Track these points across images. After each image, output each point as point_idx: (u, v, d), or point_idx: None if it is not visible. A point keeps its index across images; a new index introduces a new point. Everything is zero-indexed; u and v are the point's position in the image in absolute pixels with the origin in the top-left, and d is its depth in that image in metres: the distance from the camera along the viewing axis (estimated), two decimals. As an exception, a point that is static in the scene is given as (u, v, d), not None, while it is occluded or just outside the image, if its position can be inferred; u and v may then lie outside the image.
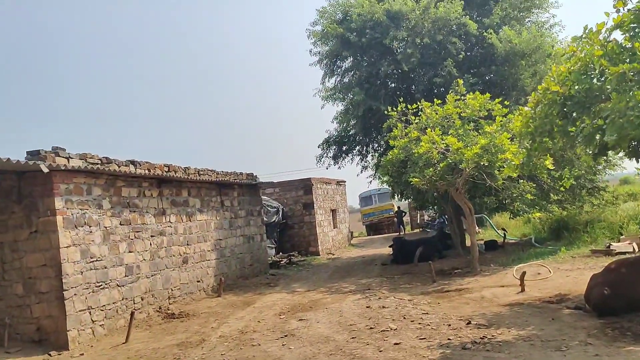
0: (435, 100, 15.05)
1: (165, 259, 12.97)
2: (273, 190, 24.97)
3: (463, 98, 14.89)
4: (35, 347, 9.54)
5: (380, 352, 7.41)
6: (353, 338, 8.36)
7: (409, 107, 15.37)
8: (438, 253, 18.97)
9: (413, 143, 14.54)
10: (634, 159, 8.11)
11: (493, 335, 7.63)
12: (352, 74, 20.23)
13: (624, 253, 13.31)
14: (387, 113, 15.79)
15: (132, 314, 10.19)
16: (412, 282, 14.24)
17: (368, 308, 10.59)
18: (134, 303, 11.55)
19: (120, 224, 11.48)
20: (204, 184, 15.33)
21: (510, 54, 17.64)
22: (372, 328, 8.89)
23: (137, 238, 11.98)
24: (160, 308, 12.32)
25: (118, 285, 11.15)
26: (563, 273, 12.12)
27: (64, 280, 9.68)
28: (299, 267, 20.61)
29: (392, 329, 8.63)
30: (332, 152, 21.64)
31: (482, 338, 7.53)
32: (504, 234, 20.75)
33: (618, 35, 7.58)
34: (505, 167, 11.32)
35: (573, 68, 7.94)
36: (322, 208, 26.03)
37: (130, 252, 11.70)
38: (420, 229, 36.44)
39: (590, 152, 8.10)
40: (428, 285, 13.21)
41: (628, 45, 7.16)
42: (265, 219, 22.34)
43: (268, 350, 8.17)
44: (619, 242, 14.57)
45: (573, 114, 7.75)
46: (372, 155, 21.66)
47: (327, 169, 23.18)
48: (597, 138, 7.80)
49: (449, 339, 7.68)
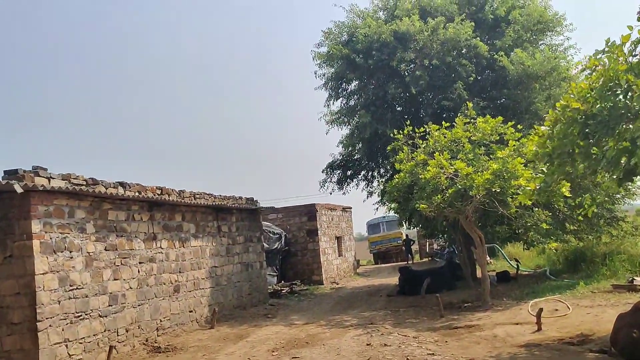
0: (444, 123, 14.33)
1: (155, 287, 12.17)
2: (276, 216, 24.23)
3: (473, 121, 14.16)
4: (4, 383, 8.74)
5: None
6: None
7: (416, 130, 14.66)
8: (447, 284, 18.04)
9: (420, 167, 13.77)
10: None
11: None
12: (358, 97, 19.59)
13: (649, 289, 12.34)
14: (393, 136, 15.07)
15: (110, 349, 9.39)
16: (418, 316, 13.33)
17: (368, 346, 9.68)
18: (118, 335, 10.73)
19: (105, 249, 10.74)
20: (200, 208, 14.60)
21: (523, 77, 16.92)
22: (371, 370, 8.01)
23: (123, 265, 11.22)
24: (147, 340, 11.48)
25: (100, 316, 10.35)
26: (583, 310, 11.15)
27: (38, 310, 8.92)
28: (301, 296, 19.72)
29: (393, 372, 7.75)
30: (336, 176, 20.89)
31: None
32: (517, 265, 19.77)
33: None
34: (520, 193, 10.50)
35: (595, 84, 7.21)
36: (326, 235, 25.18)
37: (116, 279, 10.93)
38: (430, 258, 35.37)
39: (615, 177, 7.27)
40: (435, 320, 12.30)
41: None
42: (267, 246, 21.57)
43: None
44: (642, 276, 13.59)
45: (596, 134, 6.99)
46: (378, 181, 20.87)
47: (330, 194, 22.28)
48: (622, 161, 7.04)
49: (457, 386, 6.80)
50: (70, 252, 9.80)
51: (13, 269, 9.06)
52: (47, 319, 9.07)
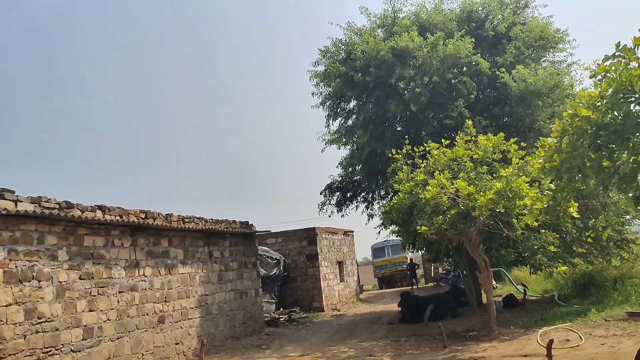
0: (444, 141, 13.64)
1: (136, 319, 11.38)
2: (275, 240, 23.46)
3: (474, 138, 13.47)
4: None
5: None
6: None
7: (416, 149, 13.97)
8: (451, 311, 17.15)
9: (419, 187, 13.04)
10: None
11: None
12: (356, 116, 18.97)
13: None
14: (391, 156, 14.38)
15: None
16: (420, 346, 12.46)
17: (363, 382, 8.85)
18: (93, 371, 9.94)
19: (80, 278, 10.01)
20: (189, 233, 13.87)
21: (526, 94, 16.27)
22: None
23: (100, 294, 10.46)
24: (127, 376, 10.68)
25: (73, 351, 9.56)
26: (597, 340, 10.27)
27: (0, 347, 8.16)
28: (299, 325, 18.83)
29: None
30: (335, 199, 20.16)
31: None
32: (525, 290, 18.85)
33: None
34: (527, 213, 9.70)
35: (605, 92, 6.50)
36: (327, 260, 24.33)
37: (91, 310, 10.16)
38: (435, 283, 34.40)
39: (631, 194, 6.51)
40: (438, 351, 11.45)
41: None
42: (264, 272, 20.79)
43: None
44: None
45: (608, 146, 6.26)
46: (378, 203, 20.12)
47: (329, 217, 21.49)
48: (639, 177, 6.29)
49: None
50: (39, 281, 9.07)
51: (-26, 301, 8.34)
52: (10, 356, 8.30)
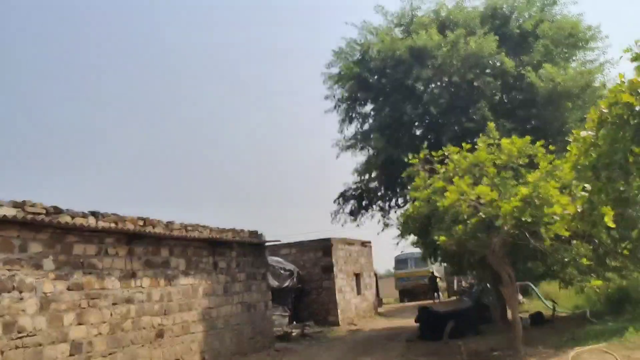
0: (464, 145, 12.67)
1: (132, 333, 10.62)
2: (289, 251, 22.62)
3: (497, 142, 12.47)
4: None
5: None
6: None
7: (434, 154, 13.01)
8: (473, 328, 16.01)
9: (438, 194, 12.06)
10: None
11: None
12: (372, 120, 18.09)
13: None
14: (407, 161, 13.44)
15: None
16: (438, 367, 11.46)
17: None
18: (80, 390, 9.19)
19: (68, 289, 9.29)
20: (193, 242, 13.12)
21: (554, 95, 15.23)
22: None
23: (91, 307, 9.73)
24: (119, 396, 9.90)
25: (57, 368, 8.83)
26: (637, 364, 9.18)
27: (-28, 364, 7.46)
28: (312, 340, 17.92)
29: None
30: (349, 207, 19.25)
31: None
32: (553, 306, 17.64)
33: None
34: (557, 221, 8.70)
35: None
36: (343, 272, 23.37)
37: (80, 324, 9.43)
38: (457, 297, 33.14)
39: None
40: (458, 373, 10.43)
41: None
42: (277, 284, 19.99)
43: None
44: None
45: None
46: (395, 212, 19.16)
47: (342, 226, 20.48)
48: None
49: None
50: (20, 292, 8.37)
51: (-53, 313, 7.67)
52: (-17, 374, 7.60)
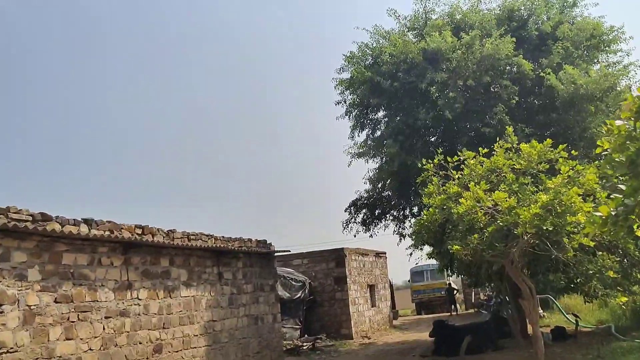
0: (481, 150, 11.96)
1: (126, 348, 10.06)
2: (300, 262, 21.97)
3: (516, 147, 11.74)
4: None
5: None
6: None
7: (449, 159, 12.31)
8: (491, 343, 15.21)
9: (452, 201, 11.36)
10: None
11: None
12: (385, 126, 17.44)
13: None
14: (420, 167, 12.76)
15: None
16: (453, 386, 10.70)
17: None
18: (68, 410, 8.62)
19: (55, 302, 8.76)
20: (195, 251, 12.56)
21: (575, 98, 14.45)
22: None
23: (81, 320, 9.18)
24: (111, 415, 9.32)
25: (42, 386, 8.28)
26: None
27: (-55, 382, 6.94)
28: (323, 354, 17.29)
29: None
30: (361, 216, 18.56)
31: None
32: (577, 321, 16.73)
33: None
34: (584, 227, 7.88)
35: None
36: (357, 283, 22.65)
37: (69, 339, 8.88)
38: (475, 310, 32.15)
39: None
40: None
41: None
42: (288, 295, 19.41)
43: None
44: None
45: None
46: (409, 221, 18.40)
47: (354, 237, 19.81)
48: None
49: None
50: (1, 305, 7.85)
51: None
52: (-42, 393, 7.08)
